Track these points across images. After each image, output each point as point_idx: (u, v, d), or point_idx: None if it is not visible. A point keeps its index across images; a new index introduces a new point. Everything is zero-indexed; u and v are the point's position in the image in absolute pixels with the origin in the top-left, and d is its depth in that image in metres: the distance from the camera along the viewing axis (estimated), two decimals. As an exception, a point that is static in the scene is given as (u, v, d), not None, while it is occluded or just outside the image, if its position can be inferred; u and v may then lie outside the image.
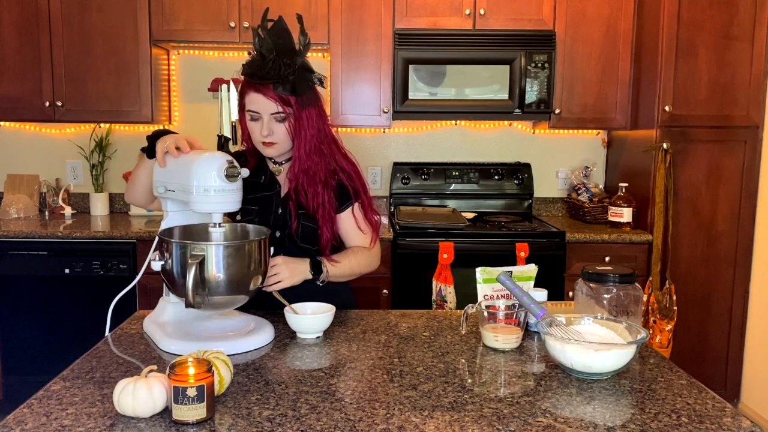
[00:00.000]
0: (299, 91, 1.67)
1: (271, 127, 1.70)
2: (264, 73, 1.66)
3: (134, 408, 1.09)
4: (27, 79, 3.29)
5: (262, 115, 1.70)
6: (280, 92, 1.66)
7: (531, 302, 1.47)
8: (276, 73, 1.65)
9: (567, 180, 3.79)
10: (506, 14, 3.30)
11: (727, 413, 1.17)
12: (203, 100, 3.68)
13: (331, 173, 1.78)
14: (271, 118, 1.70)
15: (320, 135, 1.75)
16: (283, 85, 1.65)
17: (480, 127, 3.76)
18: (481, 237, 3.11)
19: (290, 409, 1.16)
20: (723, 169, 3.19)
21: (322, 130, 1.76)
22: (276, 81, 1.65)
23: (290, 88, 1.66)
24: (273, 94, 1.66)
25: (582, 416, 1.14)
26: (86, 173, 3.70)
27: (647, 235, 3.16)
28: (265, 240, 1.52)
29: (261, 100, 1.68)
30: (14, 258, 3.09)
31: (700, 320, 3.26)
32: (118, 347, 1.49)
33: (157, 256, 1.46)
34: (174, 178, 1.56)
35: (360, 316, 1.74)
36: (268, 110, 1.69)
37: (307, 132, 1.71)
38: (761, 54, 3.14)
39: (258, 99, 1.68)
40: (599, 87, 3.37)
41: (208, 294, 1.43)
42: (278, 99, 1.66)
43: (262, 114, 1.70)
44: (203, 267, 1.40)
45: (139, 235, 3.08)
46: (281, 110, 1.68)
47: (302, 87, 1.68)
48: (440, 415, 1.14)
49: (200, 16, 3.27)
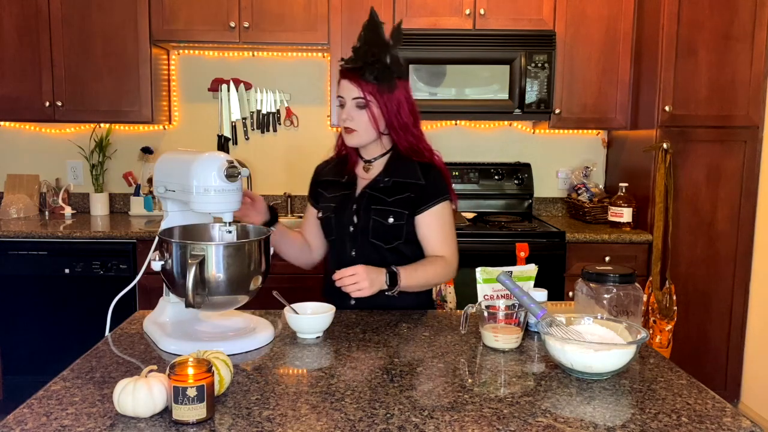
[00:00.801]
0: (382, 80, 1.74)
1: (351, 113, 1.78)
2: (352, 60, 1.77)
3: (134, 408, 1.09)
4: (27, 79, 3.29)
5: (346, 101, 1.78)
6: (364, 78, 1.74)
7: (531, 302, 1.47)
8: (361, 60, 1.75)
9: (567, 180, 3.79)
10: (506, 14, 3.30)
11: (727, 413, 1.17)
12: (203, 100, 3.68)
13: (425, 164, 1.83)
14: (353, 104, 1.77)
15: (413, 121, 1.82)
16: (368, 72, 1.74)
17: (480, 127, 3.76)
18: (481, 237, 3.11)
19: (290, 409, 1.16)
20: (723, 169, 3.19)
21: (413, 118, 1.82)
22: (360, 67, 1.75)
23: (374, 76, 1.74)
24: (356, 79, 1.75)
25: (582, 416, 1.14)
26: (86, 173, 3.70)
27: (647, 235, 3.16)
28: (265, 240, 1.52)
29: (345, 85, 1.78)
30: (14, 258, 3.09)
31: (700, 320, 3.26)
32: (118, 347, 1.49)
33: (157, 256, 1.47)
34: (174, 178, 1.56)
35: (360, 316, 1.74)
36: (350, 95, 1.77)
37: (399, 115, 1.78)
38: (761, 54, 3.14)
39: (344, 84, 1.79)
40: (599, 87, 3.37)
41: (208, 294, 1.42)
42: (359, 84, 1.75)
43: (346, 99, 1.78)
44: (203, 267, 1.40)
45: (139, 235, 3.08)
46: (362, 96, 1.75)
47: (386, 76, 1.75)
48: (440, 415, 1.14)
49: (200, 16, 3.27)
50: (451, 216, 1.86)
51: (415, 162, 1.83)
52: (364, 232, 1.80)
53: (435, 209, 1.81)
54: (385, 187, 1.82)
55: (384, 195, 1.81)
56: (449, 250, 1.84)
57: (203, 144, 3.67)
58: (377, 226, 1.79)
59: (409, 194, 1.80)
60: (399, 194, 1.80)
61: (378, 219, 1.79)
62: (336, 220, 1.85)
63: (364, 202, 1.82)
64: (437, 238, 1.83)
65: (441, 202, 1.82)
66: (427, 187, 1.81)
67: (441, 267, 1.81)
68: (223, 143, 3.66)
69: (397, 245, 1.82)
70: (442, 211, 1.83)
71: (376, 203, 1.81)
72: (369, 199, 1.82)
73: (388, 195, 1.81)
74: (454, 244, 1.87)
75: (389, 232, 1.80)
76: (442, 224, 1.83)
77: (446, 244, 1.84)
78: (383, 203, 1.80)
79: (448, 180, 1.86)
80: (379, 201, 1.81)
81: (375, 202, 1.81)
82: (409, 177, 1.82)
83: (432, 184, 1.82)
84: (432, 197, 1.81)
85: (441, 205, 1.82)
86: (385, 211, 1.79)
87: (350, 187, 1.87)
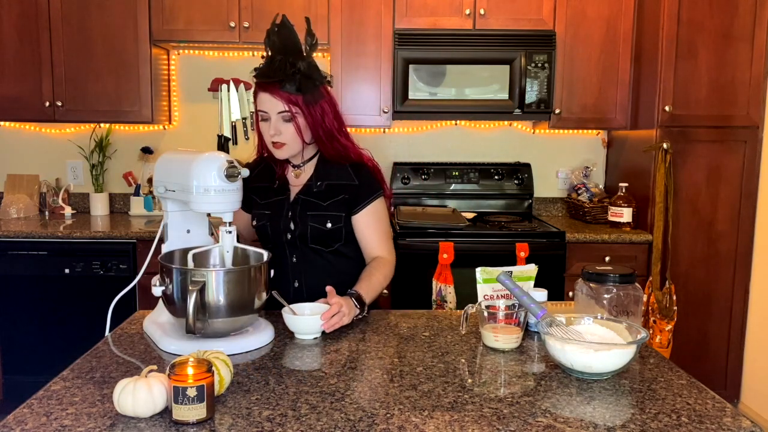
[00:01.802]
0: (305, 90, 1.70)
1: (278, 127, 1.73)
2: (270, 72, 1.70)
3: (134, 408, 1.09)
4: (27, 79, 3.29)
5: (270, 115, 1.73)
6: (286, 90, 1.69)
7: (531, 302, 1.47)
8: (281, 72, 1.68)
9: (567, 180, 3.79)
10: (506, 14, 3.30)
11: (727, 413, 1.17)
12: (203, 100, 3.68)
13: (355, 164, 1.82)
14: (279, 118, 1.73)
15: (338, 126, 1.79)
16: (289, 83, 1.68)
17: (480, 127, 3.76)
18: (481, 237, 3.11)
19: (290, 409, 1.16)
20: (723, 169, 3.19)
21: (338, 123, 1.79)
22: (281, 80, 1.68)
23: (296, 87, 1.69)
24: (279, 93, 1.69)
25: (582, 416, 1.14)
26: (86, 173, 3.70)
27: (647, 235, 3.16)
28: (264, 265, 1.52)
29: (268, 99, 1.72)
30: (14, 258, 3.08)
31: (700, 320, 3.26)
32: (118, 347, 1.49)
33: (157, 281, 1.47)
34: (174, 178, 1.56)
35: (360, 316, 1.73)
36: (275, 109, 1.72)
37: (324, 123, 1.75)
38: (761, 54, 3.14)
39: (266, 98, 1.72)
40: (599, 87, 3.37)
41: (209, 318, 1.43)
42: (284, 97, 1.69)
43: (270, 114, 1.73)
44: (204, 293, 1.41)
45: (139, 235, 3.08)
46: (287, 109, 1.70)
47: (308, 86, 1.70)
48: (440, 415, 1.14)
49: (200, 16, 3.27)
50: (385, 212, 1.86)
51: (344, 164, 1.83)
52: (302, 238, 1.79)
53: (370, 207, 1.82)
54: (319, 191, 1.81)
55: (319, 200, 1.80)
56: (387, 248, 1.84)
57: (203, 144, 3.67)
58: (316, 232, 1.79)
59: (344, 195, 1.80)
60: (333, 197, 1.80)
61: (315, 225, 1.79)
62: (272, 227, 1.83)
63: (299, 208, 1.81)
64: (375, 237, 1.83)
65: (375, 199, 1.83)
66: (361, 187, 1.81)
67: (387, 270, 1.81)
68: (223, 143, 3.66)
69: (338, 247, 1.83)
70: (377, 209, 1.84)
71: (311, 209, 1.80)
72: (304, 204, 1.81)
73: (323, 199, 1.80)
74: (391, 241, 1.88)
75: (329, 236, 1.80)
76: (378, 221, 1.84)
77: (383, 243, 1.84)
78: (319, 208, 1.80)
79: (379, 176, 1.87)
80: (314, 206, 1.80)
81: (311, 208, 1.80)
82: (341, 178, 1.82)
83: (365, 182, 1.82)
84: (366, 195, 1.81)
85: (375, 203, 1.83)
86: (322, 216, 1.79)
87: (283, 192, 1.86)
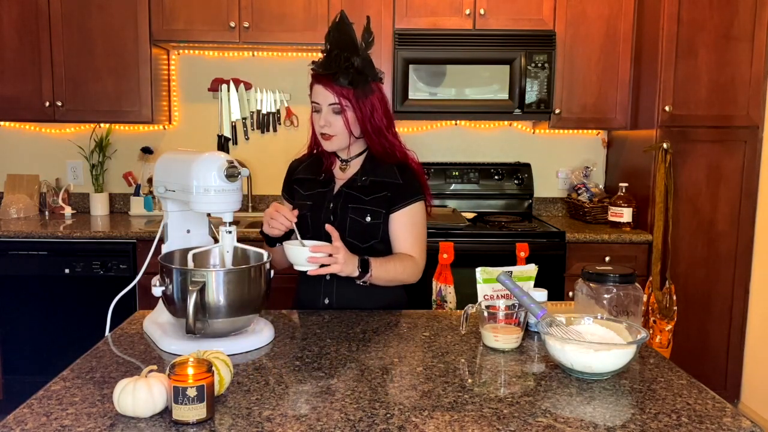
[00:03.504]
0: (356, 84, 1.74)
1: (328, 119, 1.77)
2: (326, 65, 1.75)
3: (134, 408, 1.09)
4: (27, 79, 3.29)
5: (322, 107, 1.78)
6: (339, 83, 1.73)
7: (531, 302, 1.47)
8: (336, 65, 1.73)
9: (567, 180, 3.79)
10: (506, 14, 3.30)
11: (727, 413, 1.17)
12: (203, 100, 3.68)
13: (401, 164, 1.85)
14: (329, 110, 1.77)
15: (387, 123, 1.82)
16: (342, 77, 1.73)
17: (480, 127, 3.76)
18: (481, 237, 3.11)
19: (290, 409, 1.16)
20: (723, 169, 3.19)
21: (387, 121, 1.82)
22: (335, 72, 1.73)
23: (348, 81, 1.73)
24: (332, 85, 1.74)
25: (582, 416, 1.14)
26: (86, 173, 3.70)
27: (647, 235, 3.16)
28: (265, 265, 1.52)
29: (321, 91, 1.77)
30: (14, 258, 3.09)
31: (700, 320, 3.26)
32: (118, 347, 1.49)
33: (157, 282, 1.47)
34: (174, 178, 1.56)
35: (360, 316, 1.74)
36: (326, 101, 1.76)
37: (373, 118, 1.78)
38: (761, 54, 3.14)
39: (319, 90, 1.77)
40: (599, 87, 3.37)
41: (209, 318, 1.43)
42: (335, 90, 1.74)
43: (322, 105, 1.78)
44: (204, 293, 1.41)
45: (139, 235, 3.08)
46: (337, 102, 1.75)
47: (359, 80, 1.74)
48: (440, 415, 1.14)
49: (200, 16, 3.27)
50: (423, 217, 1.87)
51: (392, 163, 1.85)
52: (340, 230, 1.80)
53: (409, 208, 1.83)
54: (363, 186, 1.83)
55: (361, 194, 1.82)
56: (418, 251, 1.84)
57: (203, 144, 3.67)
58: (354, 225, 1.80)
59: (386, 193, 1.82)
60: (376, 193, 1.82)
61: (355, 218, 1.81)
62: (312, 217, 1.85)
63: (341, 200, 1.83)
64: (408, 238, 1.83)
65: (416, 201, 1.83)
66: (404, 186, 1.82)
67: (410, 266, 1.81)
68: (223, 143, 3.66)
69: (373, 244, 1.83)
70: (416, 211, 1.84)
71: (353, 202, 1.82)
72: (346, 197, 1.83)
73: (366, 194, 1.82)
74: (424, 246, 1.87)
75: (366, 231, 1.81)
76: (414, 224, 1.84)
77: (416, 245, 1.84)
78: (361, 202, 1.82)
79: (423, 180, 1.88)
80: (356, 200, 1.82)
81: (352, 201, 1.82)
82: (386, 176, 1.83)
83: (408, 183, 1.83)
84: (408, 196, 1.82)
85: (415, 205, 1.83)
86: (363, 210, 1.81)
87: (327, 185, 1.88)
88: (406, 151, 1.88)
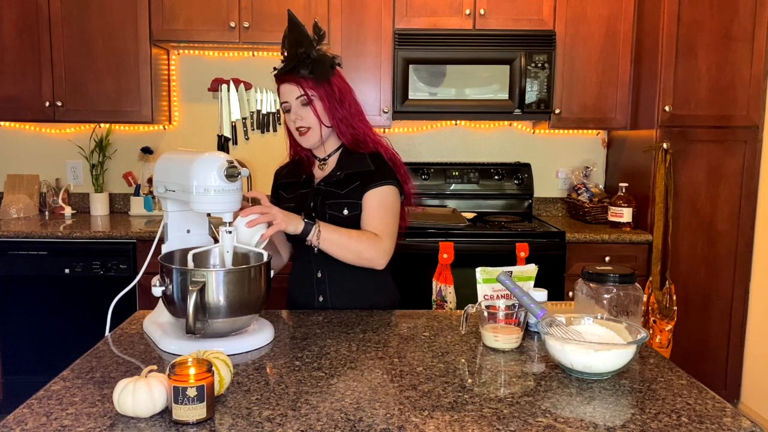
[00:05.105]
0: (316, 72, 1.78)
1: (299, 113, 1.81)
2: (285, 64, 1.81)
3: (134, 408, 1.09)
4: (27, 79, 3.29)
5: (291, 104, 1.81)
6: (300, 75, 1.77)
7: (531, 302, 1.47)
8: (294, 59, 1.78)
9: (567, 180, 3.79)
10: (506, 14, 3.30)
11: (727, 413, 1.17)
12: (203, 100, 3.68)
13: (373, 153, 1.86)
14: (298, 103, 1.80)
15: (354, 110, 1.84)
16: (303, 69, 1.77)
17: (480, 127, 3.76)
18: (481, 237, 3.11)
19: (290, 409, 1.16)
20: (723, 169, 3.19)
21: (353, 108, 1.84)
22: (294, 66, 1.77)
23: (308, 71, 1.77)
24: (294, 78, 1.78)
25: (582, 416, 1.14)
26: (86, 173, 3.70)
27: (647, 235, 3.16)
28: (265, 265, 1.52)
29: (286, 88, 1.81)
30: (14, 258, 3.09)
31: (700, 320, 3.26)
32: (118, 347, 1.49)
33: (157, 282, 1.47)
34: (174, 178, 1.56)
35: (360, 316, 1.74)
36: (293, 96, 1.80)
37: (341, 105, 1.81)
38: (761, 54, 3.14)
39: (284, 89, 1.82)
40: (599, 87, 3.37)
41: (209, 318, 1.43)
42: (299, 82, 1.78)
43: (290, 102, 1.81)
44: (204, 293, 1.41)
45: (139, 235, 3.08)
46: (303, 93, 1.78)
47: (318, 68, 1.78)
48: (440, 415, 1.14)
49: (200, 16, 3.27)
50: (394, 203, 1.84)
51: (365, 153, 1.86)
52: None
53: (378, 190, 1.82)
54: (338, 180, 1.85)
55: (337, 188, 1.84)
56: (384, 231, 1.80)
57: (203, 144, 3.67)
58: (334, 220, 1.81)
59: (359, 182, 1.83)
60: (351, 184, 1.83)
61: (333, 213, 1.82)
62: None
63: (320, 198, 1.85)
64: (374, 218, 1.80)
65: (385, 185, 1.83)
66: (375, 172, 1.83)
67: (370, 239, 1.77)
68: (223, 143, 3.66)
69: None
70: (386, 194, 1.83)
71: (330, 197, 1.84)
72: (324, 194, 1.85)
73: (341, 188, 1.84)
74: (392, 231, 1.82)
75: (346, 224, 1.81)
76: (383, 206, 1.82)
77: (382, 226, 1.80)
78: (337, 197, 1.83)
79: (397, 167, 1.87)
80: (333, 195, 1.84)
81: (330, 197, 1.84)
82: (359, 167, 1.84)
83: (379, 169, 1.84)
84: (377, 179, 1.83)
85: (386, 188, 1.83)
86: (340, 204, 1.82)
87: (308, 185, 1.91)
88: (378, 138, 1.89)
